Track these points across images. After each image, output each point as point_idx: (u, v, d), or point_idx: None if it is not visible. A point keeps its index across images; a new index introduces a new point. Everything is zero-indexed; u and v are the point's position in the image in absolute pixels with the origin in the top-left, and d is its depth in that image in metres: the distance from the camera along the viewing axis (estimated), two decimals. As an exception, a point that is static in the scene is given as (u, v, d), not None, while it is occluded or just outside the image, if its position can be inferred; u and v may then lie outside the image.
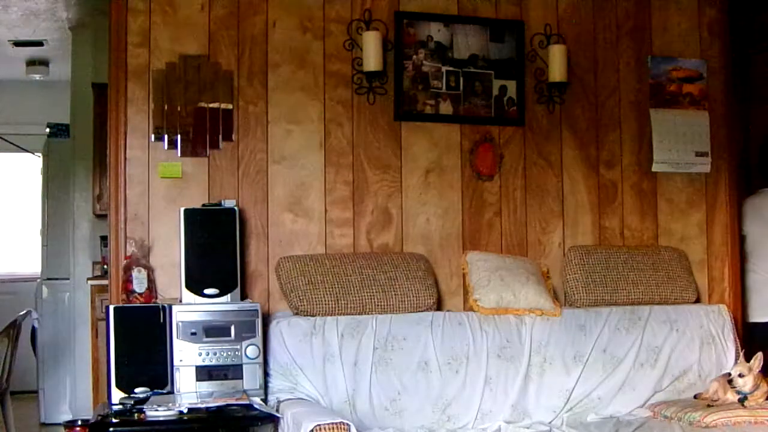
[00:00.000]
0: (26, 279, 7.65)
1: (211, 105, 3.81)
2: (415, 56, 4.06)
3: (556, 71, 4.16)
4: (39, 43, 6.83)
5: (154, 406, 3.08)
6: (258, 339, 3.41)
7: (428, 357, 3.68)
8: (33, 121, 7.47)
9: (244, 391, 3.32)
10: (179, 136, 3.76)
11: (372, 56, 3.92)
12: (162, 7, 3.77)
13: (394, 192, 4.03)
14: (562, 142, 4.26)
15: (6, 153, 7.92)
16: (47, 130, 6.62)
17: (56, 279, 6.35)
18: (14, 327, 4.65)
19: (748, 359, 3.69)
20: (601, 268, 4.07)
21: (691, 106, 4.45)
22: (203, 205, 3.63)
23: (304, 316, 3.65)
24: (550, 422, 3.75)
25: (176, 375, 3.32)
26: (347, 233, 3.95)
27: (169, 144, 3.75)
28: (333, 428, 2.92)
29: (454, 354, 3.72)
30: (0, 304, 6.90)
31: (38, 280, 6.56)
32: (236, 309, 3.44)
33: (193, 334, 3.36)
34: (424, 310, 3.79)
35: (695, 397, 3.87)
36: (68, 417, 5.80)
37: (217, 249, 3.51)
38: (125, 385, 3.24)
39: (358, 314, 3.69)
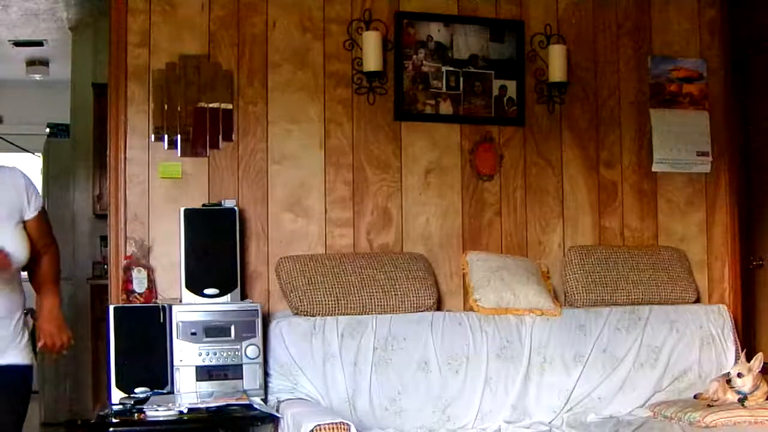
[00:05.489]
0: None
1: (211, 105, 3.81)
2: (415, 56, 4.06)
3: (556, 71, 4.16)
4: (39, 43, 6.82)
5: (154, 406, 3.08)
6: (258, 339, 3.42)
7: (428, 357, 3.68)
8: (33, 121, 7.47)
9: (244, 391, 3.32)
10: (179, 136, 3.76)
11: (372, 56, 3.92)
12: (162, 7, 3.77)
13: (394, 192, 4.03)
14: (562, 142, 4.26)
15: (6, 153, 7.90)
16: (47, 130, 6.62)
17: (56, 279, 6.33)
18: (14, 327, 4.63)
19: (748, 359, 3.69)
20: (601, 268, 4.07)
21: (691, 106, 4.45)
22: (203, 205, 3.64)
23: (304, 316, 3.65)
24: (550, 422, 3.75)
25: (176, 375, 3.32)
26: (347, 233, 3.95)
27: (169, 144, 3.75)
28: (333, 428, 2.92)
29: (454, 354, 3.72)
30: (0, 304, 6.90)
31: (38, 280, 6.54)
32: (236, 309, 3.45)
33: (193, 334, 3.36)
34: (424, 310, 3.79)
35: (695, 397, 3.87)
36: (68, 417, 5.81)
37: (217, 249, 3.52)
38: (125, 385, 3.24)
39: (358, 314, 3.69)
